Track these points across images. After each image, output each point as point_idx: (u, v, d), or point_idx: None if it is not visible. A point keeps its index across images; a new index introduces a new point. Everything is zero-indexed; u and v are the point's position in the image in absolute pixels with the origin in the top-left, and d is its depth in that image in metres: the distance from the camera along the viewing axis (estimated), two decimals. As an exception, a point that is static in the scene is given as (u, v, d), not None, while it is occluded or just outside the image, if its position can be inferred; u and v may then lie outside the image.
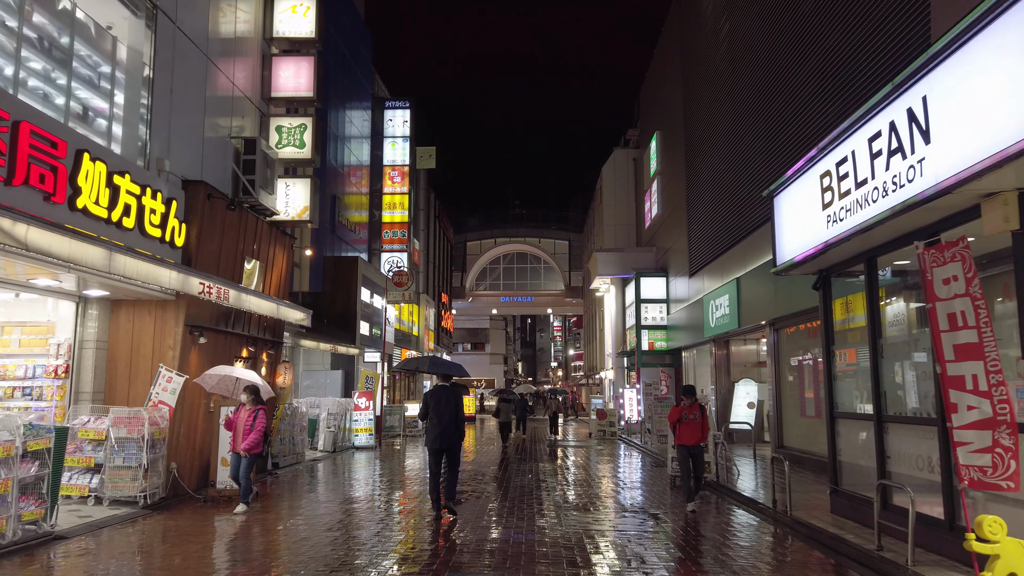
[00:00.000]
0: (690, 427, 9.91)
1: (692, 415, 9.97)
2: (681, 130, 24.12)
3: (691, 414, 9.98)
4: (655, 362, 25.79)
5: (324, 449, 17.97)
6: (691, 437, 9.90)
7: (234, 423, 9.51)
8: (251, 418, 9.33)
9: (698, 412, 9.98)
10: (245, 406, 9.54)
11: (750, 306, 16.32)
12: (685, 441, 9.95)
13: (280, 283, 13.58)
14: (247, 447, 9.25)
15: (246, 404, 9.54)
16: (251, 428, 9.26)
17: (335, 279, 21.09)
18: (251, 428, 9.26)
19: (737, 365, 20.52)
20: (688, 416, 9.97)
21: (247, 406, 9.51)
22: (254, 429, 9.26)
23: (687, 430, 9.92)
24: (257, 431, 9.27)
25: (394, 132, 27.77)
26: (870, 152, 6.79)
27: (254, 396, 9.55)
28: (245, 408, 9.53)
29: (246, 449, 9.25)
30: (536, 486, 11.93)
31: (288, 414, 14.63)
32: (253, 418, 9.32)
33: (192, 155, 10.97)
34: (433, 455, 9.17)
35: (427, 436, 9.36)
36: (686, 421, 9.94)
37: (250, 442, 9.23)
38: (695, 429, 9.93)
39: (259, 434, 9.32)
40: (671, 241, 25.94)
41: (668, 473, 12.40)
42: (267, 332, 13.20)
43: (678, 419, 10.02)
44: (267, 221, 12.98)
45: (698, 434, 9.92)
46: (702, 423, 9.97)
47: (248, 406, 9.50)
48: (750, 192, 16.62)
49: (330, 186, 22.16)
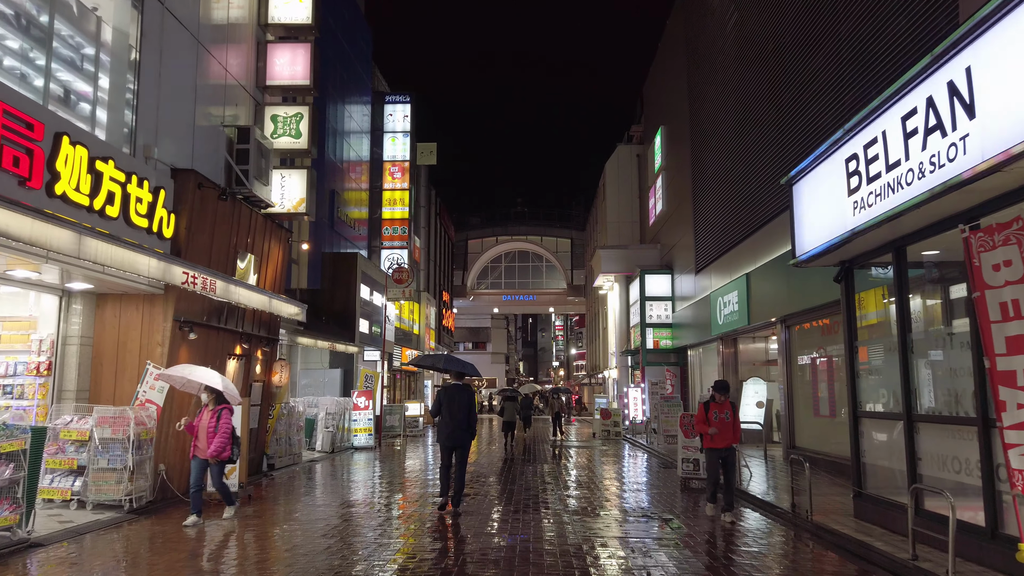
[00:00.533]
0: (721, 427, 8.89)
1: (723, 414, 8.95)
2: (686, 124, 23.64)
3: (722, 413, 8.96)
4: (660, 361, 25.31)
5: (322, 450, 17.51)
6: (723, 439, 8.89)
7: (196, 428, 8.54)
8: (214, 419, 8.46)
9: (729, 411, 9.00)
10: (207, 407, 8.60)
11: (761, 302, 15.85)
12: (716, 444, 8.92)
13: (276, 278, 13.11)
14: (214, 452, 8.37)
15: (208, 405, 8.61)
16: (215, 431, 8.39)
17: (334, 276, 20.63)
18: (215, 431, 8.39)
19: (745, 364, 20.04)
20: (719, 415, 8.94)
21: (209, 407, 8.59)
22: (219, 431, 8.39)
23: (718, 431, 8.95)
24: (223, 433, 8.40)
25: (394, 127, 27.29)
26: (904, 131, 6.31)
27: (216, 395, 8.60)
28: (207, 409, 8.59)
29: (213, 454, 8.37)
30: (542, 489, 11.46)
31: (284, 414, 14.17)
32: (217, 419, 8.45)
33: (182, 143, 10.51)
34: (445, 451, 9.47)
35: (439, 433, 9.54)
36: (716, 421, 8.91)
37: (217, 446, 8.36)
38: (727, 430, 8.91)
39: (225, 436, 8.43)
40: (676, 237, 25.47)
41: (678, 475, 11.93)
42: (262, 328, 12.73)
43: (705, 418, 8.99)
44: (262, 213, 12.51)
45: (730, 435, 8.91)
46: (734, 423, 8.96)
47: (211, 407, 8.59)
48: (760, 185, 16.16)
49: (329, 181, 21.70)
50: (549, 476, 13.16)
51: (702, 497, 10.77)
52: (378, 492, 11.12)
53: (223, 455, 8.43)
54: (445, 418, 9.33)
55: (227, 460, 8.56)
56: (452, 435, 9.28)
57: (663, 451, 17.54)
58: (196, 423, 8.55)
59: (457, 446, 9.31)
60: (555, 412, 24.31)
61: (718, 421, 8.89)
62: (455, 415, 9.26)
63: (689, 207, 23.19)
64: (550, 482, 12.29)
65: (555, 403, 25.05)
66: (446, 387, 9.59)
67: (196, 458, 8.47)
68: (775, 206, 15.04)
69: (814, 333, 14.01)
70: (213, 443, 8.34)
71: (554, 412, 24.25)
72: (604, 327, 36.98)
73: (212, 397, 8.60)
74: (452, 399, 9.31)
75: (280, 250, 13.34)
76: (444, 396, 9.37)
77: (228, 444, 8.48)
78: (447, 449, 9.39)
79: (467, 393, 9.50)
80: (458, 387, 9.53)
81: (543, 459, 16.67)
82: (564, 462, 15.89)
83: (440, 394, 9.46)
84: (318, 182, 20.96)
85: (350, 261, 20.80)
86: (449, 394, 9.38)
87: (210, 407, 8.57)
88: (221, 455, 8.41)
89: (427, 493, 10.95)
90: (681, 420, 12.02)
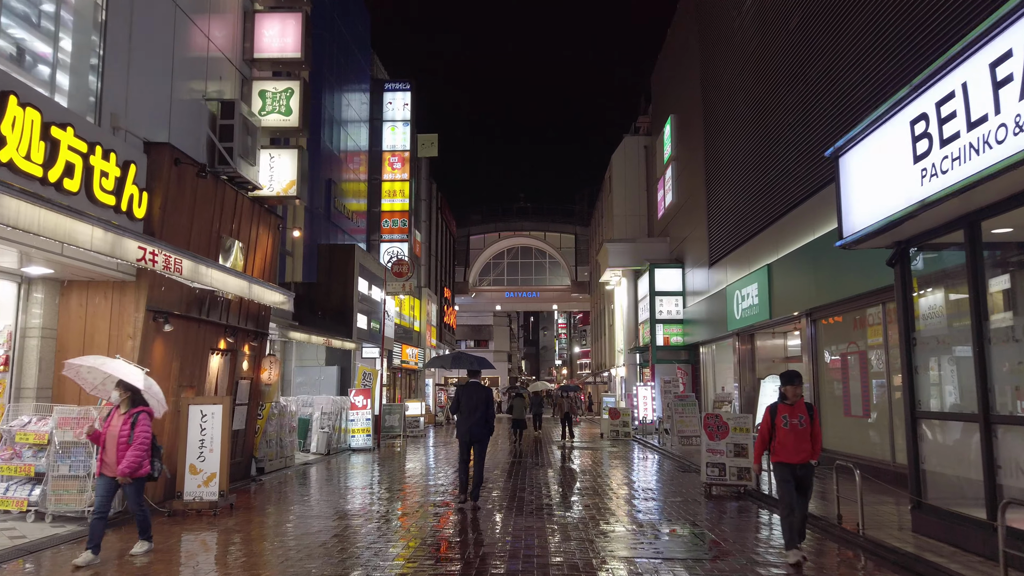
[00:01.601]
0: (795, 436, 6.55)
1: (796, 418, 6.61)
2: (699, 111, 22.64)
3: (794, 417, 6.62)
4: (670, 358, 24.35)
5: (317, 452, 16.54)
6: (796, 450, 6.54)
7: (102, 436, 6.57)
8: (127, 426, 6.50)
9: (805, 414, 6.63)
10: (119, 409, 6.63)
11: (784, 295, 14.86)
12: (787, 457, 6.57)
13: (265, 268, 12.13)
14: (127, 468, 6.38)
15: (119, 407, 6.63)
16: (128, 441, 6.47)
17: (330, 268, 19.67)
18: (128, 441, 6.47)
19: (763, 361, 19.04)
20: (790, 420, 6.61)
21: (121, 409, 6.62)
22: (134, 442, 6.45)
23: (790, 439, 6.55)
24: (139, 444, 6.47)
25: (394, 116, 26.29)
26: (993, 80, 5.33)
27: (132, 394, 6.64)
28: (118, 413, 6.61)
29: (126, 472, 6.38)
30: (555, 495, 10.49)
31: (275, 414, 13.20)
32: (131, 426, 6.50)
33: (157, 116, 9.53)
34: (463, 446, 9.69)
35: (458, 429, 9.73)
36: (788, 427, 6.60)
37: (131, 461, 6.40)
38: (802, 439, 6.55)
39: (142, 448, 6.49)
40: (687, 230, 24.48)
41: (702, 480, 10.94)
42: (249, 321, 11.75)
43: (771, 430, 6.72)
44: (249, 197, 11.53)
45: (807, 446, 6.55)
46: (812, 430, 6.62)
47: (123, 409, 6.61)
48: (783, 171, 15.17)
49: (325, 169, 20.74)
50: (559, 481, 12.18)
51: (728, 504, 9.80)
52: (376, 499, 10.15)
53: (140, 472, 6.54)
54: (463, 415, 9.59)
55: (146, 477, 6.68)
56: (470, 430, 9.53)
57: (678, 453, 16.56)
58: (103, 430, 6.60)
59: (475, 441, 9.57)
60: (564, 413, 22.22)
61: (789, 429, 6.60)
62: (473, 411, 9.54)
63: (702, 198, 22.20)
64: (563, 488, 11.31)
65: (564, 403, 23.10)
66: (465, 385, 9.91)
67: (103, 476, 6.54)
68: (801, 191, 14.06)
69: (844, 326, 13.02)
70: (126, 457, 6.42)
71: (563, 412, 22.24)
72: (610, 324, 35.99)
73: (126, 396, 6.63)
74: (469, 396, 9.61)
75: (270, 238, 12.36)
76: (462, 394, 9.71)
77: (146, 457, 6.57)
78: (465, 444, 9.64)
79: (484, 390, 9.83)
80: (475, 384, 9.83)
81: (550, 463, 15.68)
82: (573, 464, 14.90)
83: (458, 391, 9.83)
84: (314, 170, 20.01)
85: (347, 253, 19.83)
86: (466, 391, 9.69)
87: (122, 410, 6.62)
88: (137, 472, 6.51)
89: (427, 501, 9.98)
90: (705, 421, 11.04)
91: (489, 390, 10.06)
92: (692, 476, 12.93)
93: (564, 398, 23.56)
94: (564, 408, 22.27)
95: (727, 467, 10.76)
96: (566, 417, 21.95)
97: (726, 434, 10.90)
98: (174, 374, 9.48)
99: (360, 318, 20.22)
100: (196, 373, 10.13)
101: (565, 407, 22.30)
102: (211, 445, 8.84)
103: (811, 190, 13.56)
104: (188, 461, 8.82)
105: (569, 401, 23.16)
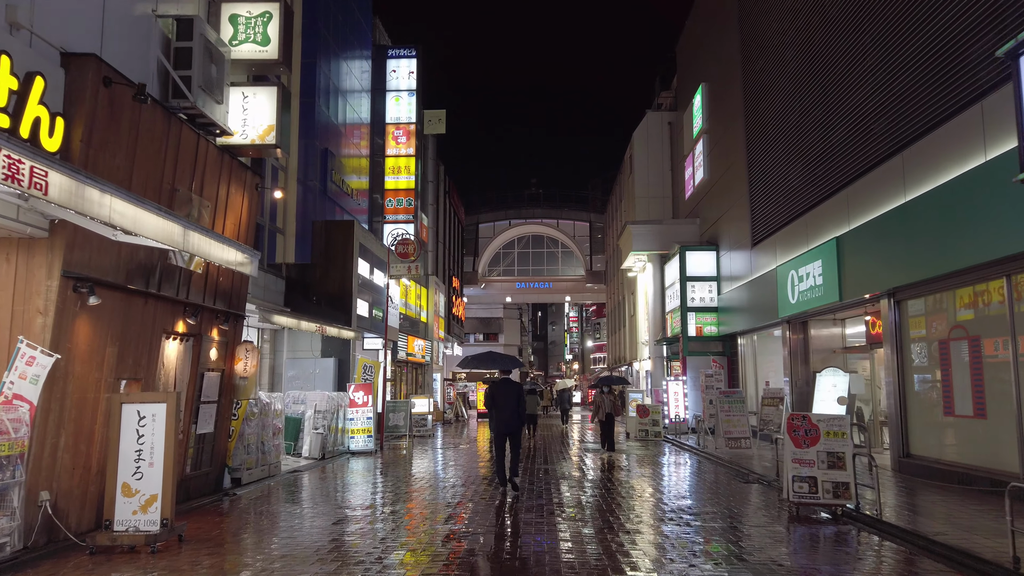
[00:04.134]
0: None
1: None
2: (736, 76, 20.30)
3: None
4: (703, 350, 22.07)
5: (310, 456, 14.34)
6: None
7: None
8: None
9: None
10: None
11: (858, 273, 12.56)
12: None
13: (238, 235, 9.90)
14: None
15: None
16: None
17: (327, 248, 17.44)
18: None
19: (819, 352, 16.75)
20: None
21: None
22: None
23: None
24: None
25: (398, 85, 23.99)
26: None
27: None
28: None
29: None
30: (591, 514, 8.24)
31: (255, 413, 11.00)
32: None
33: (86, 23, 7.30)
34: (498, 438, 10.39)
35: (491, 422, 10.50)
36: None
37: None
38: None
39: None
40: (721, 209, 22.15)
41: (787, 499, 8.68)
42: (219, 299, 9.52)
43: None
44: (217, 145, 9.31)
45: None
46: None
47: None
48: (853, 129, 12.86)
49: (322, 138, 18.50)
50: (597, 493, 9.92)
51: (823, 529, 7.53)
52: (379, 523, 7.91)
53: None
54: (498, 409, 10.26)
55: None
56: (505, 423, 10.24)
57: (725, 457, 14.30)
58: None
59: (510, 433, 10.27)
60: (606, 415, 16.63)
61: None
62: (505, 407, 10.23)
63: (741, 172, 19.87)
64: (601, 500, 9.05)
65: (605, 401, 16.90)
66: (498, 382, 10.60)
67: None
68: (881, 148, 11.74)
69: (942, 306, 10.71)
70: None
71: (604, 415, 16.66)
72: (631, 314, 33.66)
73: None
74: (503, 392, 10.29)
75: (245, 200, 10.12)
76: (496, 390, 10.35)
77: None
78: (501, 436, 10.32)
79: (515, 386, 10.54)
80: (507, 381, 10.56)
81: (585, 472, 13.40)
82: (605, 471, 12.63)
83: (491, 388, 10.51)
84: (308, 138, 17.75)
85: (346, 231, 17.59)
86: (500, 388, 10.35)
87: None
88: None
89: (437, 531, 7.74)
90: (789, 423, 8.76)
91: (520, 386, 10.70)
92: (756, 488, 10.67)
93: (606, 395, 17.21)
94: (606, 408, 16.72)
95: (819, 482, 8.48)
96: (608, 422, 16.53)
97: (816, 440, 8.63)
98: (109, 363, 7.27)
99: (361, 304, 17.99)
100: (143, 363, 7.91)
101: (607, 406, 16.75)
102: (151, 457, 6.62)
103: (897, 145, 11.25)
104: (120, 479, 6.58)
105: (611, 399, 17.15)
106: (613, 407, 16.95)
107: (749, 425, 15.41)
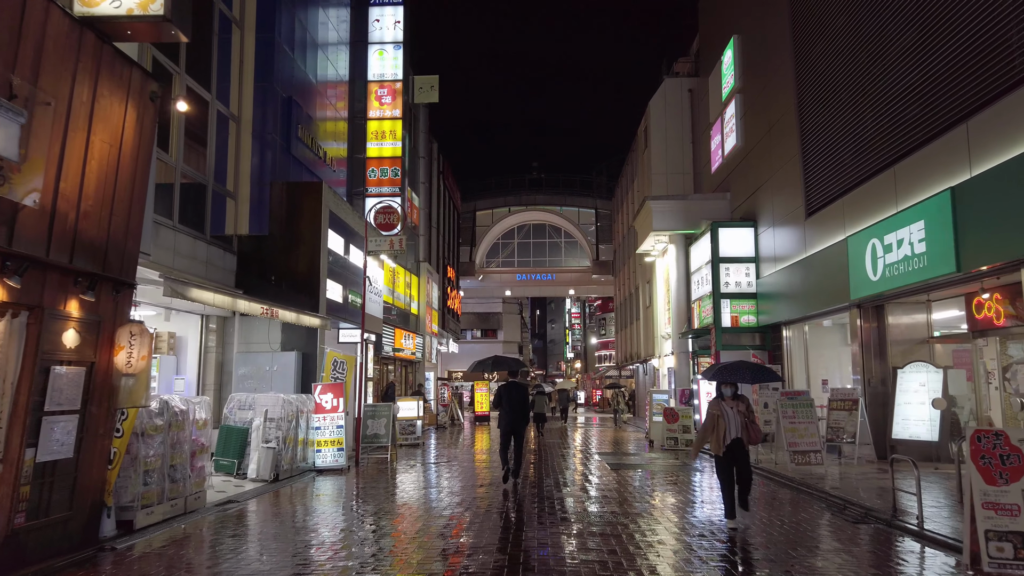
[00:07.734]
0: None
1: None
2: (782, 18, 17.09)
3: None
4: (738, 343, 18.83)
5: (258, 478, 11.09)
6: None
7: None
8: None
9: None
10: None
11: (986, 233, 9.32)
12: None
13: (117, 161, 6.60)
14: None
15: None
16: None
17: (288, 216, 14.16)
18: None
19: (899, 343, 13.55)
20: None
21: None
22: None
23: None
24: None
25: (382, 36, 20.64)
26: None
27: None
28: None
29: None
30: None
31: (157, 426, 7.72)
32: None
33: None
34: (505, 436, 10.88)
35: (500, 421, 11.04)
36: None
37: None
38: None
39: None
40: (760, 179, 18.91)
41: (974, 563, 5.44)
42: (79, 253, 6.23)
43: None
44: (75, 17, 6.02)
45: None
46: None
47: None
48: (969, 51, 9.62)
49: (286, 85, 15.22)
50: (615, 548, 6.67)
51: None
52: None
53: None
54: (505, 409, 10.87)
55: None
56: (513, 422, 10.79)
57: (793, 476, 11.09)
58: None
59: (516, 431, 10.81)
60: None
61: None
62: (514, 407, 10.83)
63: (789, 128, 16.64)
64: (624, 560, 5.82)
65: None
66: (505, 384, 11.17)
67: None
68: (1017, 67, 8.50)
69: None
70: None
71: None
72: (647, 305, 30.36)
73: None
74: (511, 394, 10.94)
75: (130, 110, 6.82)
76: (504, 392, 11.03)
77: None
78: (507, 435, 10.83)
79: (522, 388, 11.20)
80: (514, 383, 11.24)
81: (608, 498, 10.15)
82: (633, 485, 9.37)
83: (500, 390, 11.15)
84: (264, 79, 14.49)
85: (313, 194, 14.29)
86: (508, 389, 11.02)
87: None
88: None
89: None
90: (974, 444, 5.51)
91: (526, 387, 11.27)
92: (873, 533, 7.39)
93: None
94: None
95: (1034, 543, 5.24)
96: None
97: (1020, 473, 5.40)
98: None
99: (331, 286, 14.70)
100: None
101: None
102: None
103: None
104: None
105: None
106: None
107: (819, 435, 12.19)
